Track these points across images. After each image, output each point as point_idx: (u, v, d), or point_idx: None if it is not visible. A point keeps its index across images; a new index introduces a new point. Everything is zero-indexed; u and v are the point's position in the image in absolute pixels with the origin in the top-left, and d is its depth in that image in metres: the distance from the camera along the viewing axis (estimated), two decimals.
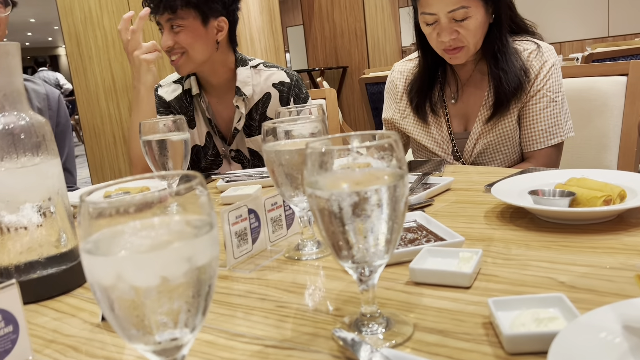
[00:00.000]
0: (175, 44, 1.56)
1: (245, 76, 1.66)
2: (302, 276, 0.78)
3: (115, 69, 4.63)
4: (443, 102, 1.55)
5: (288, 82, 1.69)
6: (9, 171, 0.77)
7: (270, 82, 1.69)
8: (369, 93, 3.20)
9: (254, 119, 1.69)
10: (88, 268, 0.42)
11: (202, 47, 1.59)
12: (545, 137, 1.43)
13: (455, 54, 1.42)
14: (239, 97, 1.65)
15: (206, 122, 1.71)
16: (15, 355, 0.61)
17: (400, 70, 1.64)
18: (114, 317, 0.43)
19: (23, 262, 0.79)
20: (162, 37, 1.59)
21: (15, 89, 0.79)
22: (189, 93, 1.72)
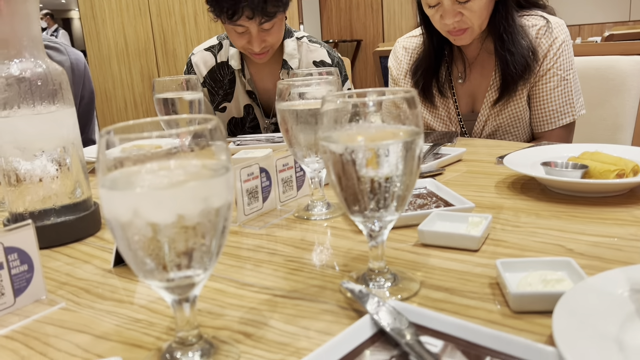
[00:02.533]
0: (266, 43, 1.52)
1: (292, 48, 1.64)
2: (310, 234, 0.79)
3: (129, 32, 4.60)
4: (450, 82, 1.52)
5: (329, 62, 1.68)
6: (25, 117, 0.78)
7: (312, 58, 1.67)
8: (382, 66, 3.17)
9: None
10: (106, 203, 0.43)
11: (282, 32, 1.57)
12: (557, 117, 1.41)
13: (460, 35, 1.38)
14: (285, 70, 1.63)
15: (247, 95, 1.70)
16: (30, 294, 0.62)
17: (405, 46, 1.60)
18: (130, 252, 0.44)
19: (38, 209, 0.80)
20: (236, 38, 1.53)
21: (32, 35, 0.79)
22: (225, 66, 1.70)
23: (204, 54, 1.74)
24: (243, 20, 1.46)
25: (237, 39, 1.54)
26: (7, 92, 0.76)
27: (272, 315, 0.56)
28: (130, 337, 0.54)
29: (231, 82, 1.71)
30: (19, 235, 0.61)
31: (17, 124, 0.77)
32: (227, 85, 1.72)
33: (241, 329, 0.54)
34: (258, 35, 1.50)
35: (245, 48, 1.55)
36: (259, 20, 1.45)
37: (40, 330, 0.56)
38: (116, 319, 0.58)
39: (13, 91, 0.77)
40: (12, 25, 0.77)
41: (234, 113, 1.74)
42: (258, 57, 1.57)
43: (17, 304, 0.61)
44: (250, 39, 1.51)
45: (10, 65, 0.77)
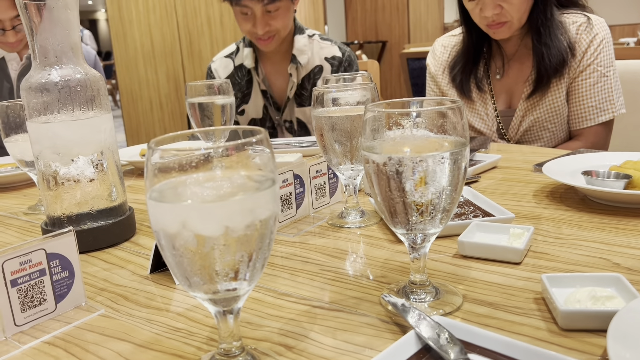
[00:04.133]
0: (270, 27, 1.54)
1: (302, 44, 1.66)
2: (345, 243, 0.78)
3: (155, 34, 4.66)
4: (488, 77, 1.51)
5: (339, 56, 1.69)
6: (64, 123, 0.78)
7: (323, 54, 1.69)
8: (409, 69, 3.14)
9: (305, 89, 1.69)
10: (154, 215, 0.43)
11: (290, 22, 1.60)
12: (595, 113, 1.39)
13: (499, 28, 1.38)
14: (293, 65, 1.65)
15: (262, 94, 1.72)
16: (71, 300, 0.63)
17: (444, 44, 1.61)
18: (177, 264, 0.43)
19: (75, 213, 0.81)
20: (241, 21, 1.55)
21: (72, 42, 0.80)
22: (242, 68, 1.72)
23: (223, 61, 1.77)
24: (247, 1, 1.49)
25: (243, 22, 1.57)
26: (47, 98, 0.77)
27: (312, 327, 0.55)
28: (170, 347, 0.53)
29: (248, 82, 1.73)
30: (60, 242, 0.61)
31: (57, 129, 0.78)
32: (244, 86, 1.74)
33: (282, 340, 0.53)
34: (262, 17, 1.53)
35: (251, 32, 1.57)
36: (263, 1, 1.49)
37: (81, 337, 0.57)
38: (156, 327, 0.57)
39: (53, 97, 0.77)
40: (53, 33, 0.78)
41: (252, 114, 1.76)
42: (263, 42, 1.59)
43: (58, 309, 0.61)
44: (255, 22, 1.53)
45: (50, 72, 0.78)
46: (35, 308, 0.59)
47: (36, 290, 0.59)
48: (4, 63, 1.62)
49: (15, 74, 1.63)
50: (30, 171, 1.03)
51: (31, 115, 0.79)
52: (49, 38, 0.78)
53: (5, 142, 1.02)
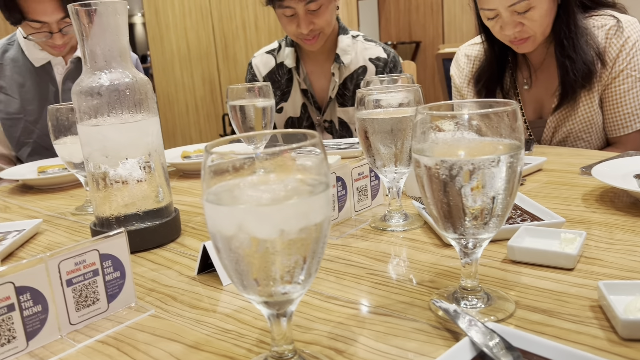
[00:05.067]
0: (314, 25, 1.55)
1: (346, 44, 1.67)
2: (389, 246, 0.77)
3: (191, 37, 4.73)
4: (515, 88, 1.47)
5: (384, 57, 1.69)
6: (113, 126, 0.80)
7: (367, 55, 1.69)
8: (445, 69, 3.10)
9: (347, 89, 1.69)
10: (211, 217, 0.43)
11: (332, 19, 1.61)
12: (632, 120, 1.33)
13: (522, 43, 1.33)
14: (336, 65, 1.65)
15: (302, 94, 1.73)
16: (122, 300, 0.64)
17: (467, 54, 1.56)
18: (232, 266, 0.44)
19: (123, 214, 0.82)
20: (286, 24, 1.57)
21: (121, 47, 0.81)
22: (282, 66, 1.73)
23: (264, 57, 1.78)
24: (289, 1, 1.50)
25: (288, 24, 1.58)
26: (97, 101, 0.79)
27: (361, 332, 0.55)
28: (221, 348, 0.54)
29: (288, 81, 1.74)
30: (113, 243, 0.62)
31: (106, 132, 0.80)
32: (284, 85, 1.74)
33: (331, 344, 0.53)
34: (305, 16, 1.53)
35: (296, 33, 1.58)
36: (304, 0, 1.49)
37: (132, 336, 0.58)
38: (206, 328, 0.58)
39: (103, 101, 0.79)
40: (103, 38, 0.79)
41: (290, 113, 1.77)
42: (308, 42, 1.60)
43: (110, 309, 0.63)
44: (299, 22, 1.54)
45: (100, 76, 0.80)
46: (88, 307, 0.61)
47: (90, 290, 0.61)
48: (50, 67, 1.66)
49: (61, 78, 1.67)
50: (78, 172, 1.06)
51: (82, 118, 0.81)
52: (99, 43, 0.80)
53: (55, 144, 1.05)
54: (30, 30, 1.51)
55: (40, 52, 1.63)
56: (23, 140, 1.65)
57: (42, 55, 1.63)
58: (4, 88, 1.63)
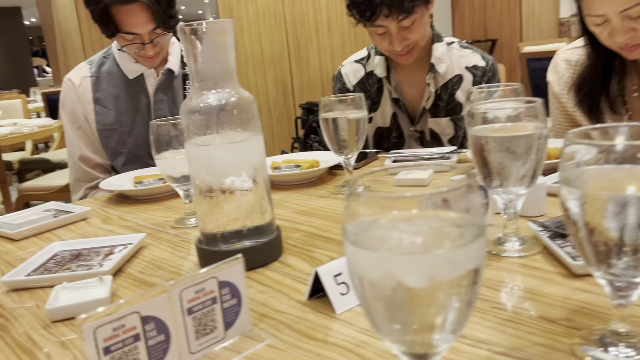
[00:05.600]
0: (408, 41, 1.49)
1: (440, 52, 1.59)
2: (510, 275, 0.72)
3: (265, 41, 4.79)
4: (623, 96, 1.34)
5: (482, 65, 1.60)
6: (220, 146, 0.80)
7: (463, 63, 1.61)
8: (530, 69, 2.96)
9: (441, 99, 1.62)
10: (352, 258, 0.40)
11: (426, 30, 1.55)
12: None
13: (634, 50, 1.20)
14: (431, 75, 1.58)
15: (392, 103, 1.68)
16: (238, 327, 0.63)
17: (567, 59, 1.44)
18: (372, 310, 0.41)
19: (229, 230, 0.82)
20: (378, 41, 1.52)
21: (229, 66, 0.81)
22: (372, 75, 1.69)
23: (353, 66, 1.74)
24: (381, 20, 1.44)
25: (380, 42, 1.53)
26: (205, 121, 0.79)
27: None
28: None
29: (378, 90, 1.69)
30: (230, 270, 0.61)
31: (213, 151, 0.80)
32: (374, 94, 1.70)
33: None
34: (398, 33, 1.47)
35: (389, 50, 1.53)
36: (397, 18, 1.43)
37: None
38: None
39: (211, 120, 0.79)
40: (211, 58, 0.79)
41: (379, 123, 1.72)
42: (402, 57, 1.54)
43: (227, 337, 0.62)
44: (391, 39, 1.48)
45: (208, 96, 0.79)
46: (207, 335, 0.60)
47: (208, 318, 0.60)
48: (143, 79, 1.71)
49: (153, 90, 1.72)
50: (178, 186, 1.08)
51: (189, 137, 0.81)
52: (207, 62, 0.80)
53: (156, 159, 1.07)
54: (123, 42, 1.57)
55: (134, 64, 1.68)
56: (118, 150, 1.71)
57: (136, 68, 1.69)
58: (100, 100, 1.70)
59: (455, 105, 1.62)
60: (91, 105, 1.69)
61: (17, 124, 3.82)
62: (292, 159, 1.47)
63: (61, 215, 1.19)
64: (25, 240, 1.09)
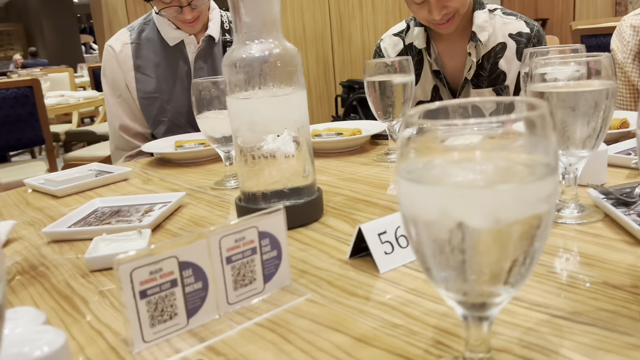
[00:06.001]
0: (447, 9, 1.43)
1: (482, 20, 1.51)
2: (567, 241, 0.67)
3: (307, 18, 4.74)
4: None
5: (527, 32, 1.51)
6: (263, 99, 0.77)
7: (506, 30, 1.52)
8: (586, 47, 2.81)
9: (484, 69, 1.54)
10: (407, 197, 0.37)
11: None
12: None
13: None
14: (472, 44, 1.51)
15: (433, 76, 1.61)
16: (277, 281, 0.60)
17: (634, 24, 1.35)
18: (427, 255, 0.37)
19: (270, 190, 0.79)
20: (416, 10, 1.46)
21: (273, 16, 0.78)
22: (412, 47, 1.63)
23: (392, 39, 1.68)
24: None
25: (418, 11, 1.46)
26: (248, 73, 0.76)
27: (560, 342, 0.46)
28: (393, 346, 0.48)
29: (418, 63, 1.62)
30: (271, 221, 0.59)
31: (255, 105, 0.77)
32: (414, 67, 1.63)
33: (526, 354, 0.45)
34: (437, 1, 1.40)
35: (428, 19, 1.45)
36: None
37: (293, 322, 0.54)
38: (371, 320, 0.53)
39: (254, 73, 0.76)
40: (255, 7, 0.76)
41: (420, 97, 1.66)
42: (442, 27, 1.46)
43: (266, 290, 0.59)
44: (430, 7, 1.41)
45: (252, 47, 0.77)
46: (245, 287, 0.58)
47: (247, 269, 0.58)
48: (183, 46, 1.69)
49: (193, 57, 1.69)
50: (218, 147, 1.06)
51: (232, 90, 0.78)
52: (251, 12, 0.76)
53: (197, 118, 1.05)
54: (161, 5, 1.53)
55: (174, 30, 1.65)
56: (159, 119, 1.69)
57: (176, 35, 1.66)
58: (141, 68, 1.68)
59: (499, 74, 1.54)
60: (132, 73, 1.68)
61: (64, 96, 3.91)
62: (334, 127, 1.43)
63: (103, 175, 1.19)
64: (67, 197, 1.10)
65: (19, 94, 2.66)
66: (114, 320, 0.58)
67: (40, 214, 1.01)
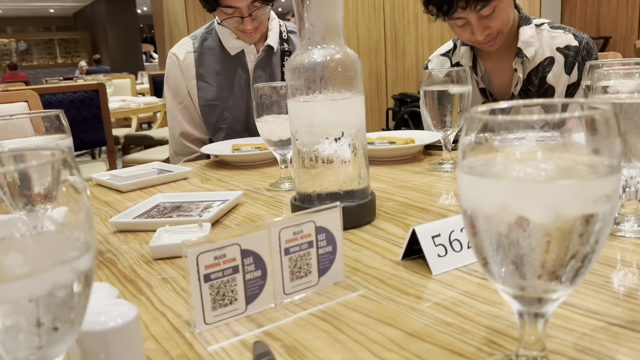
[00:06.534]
0: (490, 30, 1.42)
1: (528, 36, 1.49)
2: (626, 254, 0.66)
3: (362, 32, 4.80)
4: None
5: (575, 45, 1.48)
6: (322, 103, 0.80)
7: (554, 45, 1.50)
8: None
9: (532, 84, 1.52)
10: (468, 190, 0.38)
11: (510, 16, 1.46)
12: None
13: None
14: (518, 59, 1.49)
15: (480, 94, 1.61)
16: (331, 275, 0.62)
17: None
18: (486, 248, 0.38)
19: (325, 192, 0.82)
20: (459, 32, 1.46)
21: (336, 22, 0.80)
22: (459, 66, 1.63)
23: (439, 59, 1.68)
24: (459, 12, 1.37)
25: (461, 33, 1.46)
26: (309, 77, 0.79)
27: (617, 349, 0.46)
28: (445, 341, 0.49)
29: None
30: (327, 216, 0.61)
31: (315, 108, 0.80)
32: None
33: (581, 357, 0.45)
34: (479, 23, 1.39)
35: (472, 40, 1.45)
36: (475, 8, 1.35)
37: (347, 315, 0.56)
38: (423, 317, 0.54)
39: (315, 76, 0.79)
40: (320, 12, 0.79)
41: None
42: (486, 45, 1.45)
43: (320, 283, 0.61)
44: (472, 29, 1.41)
45: (314, 52, 0.79)
46: (301, 279, 0.60)
47: (304, 262, 0.60)
48: (243, 55, 1.74)
49: (252, 66, 1.74)
50: (275, 150, 1.10)
51: (293, 93, 0.81)
52: (315, 18, 0.80)
53: (257, 122, 1.09)
54: (223, 16, 1.59)
55: (235, 40, 1.70)
56: (218, 126, 1.75)
57: (237, 44, 1.71)
58: (203, 76, 1.74)
59: (547, 89, 1.52)
60: (194, 81, 1.74)
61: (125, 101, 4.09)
62: (387, 136, 1.45)
63: (164, 173, 1.25)
64: (131, 192, 1.16)
65: (85, 97, 2.81)
66: (176, 303, 0.61)
67: (106, 206, 1.07)
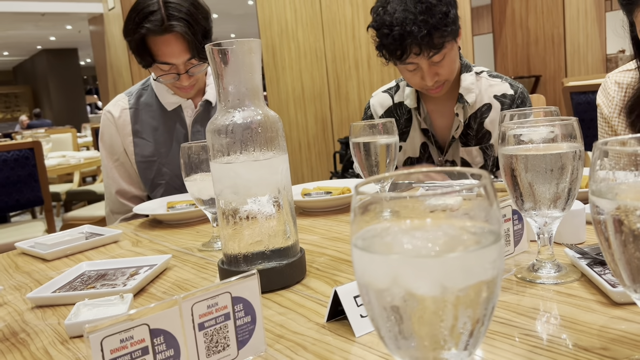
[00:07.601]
0: (439, 76, 1.48)
1: (469, 82, 1.57)
2: (542, 302, 0.67)
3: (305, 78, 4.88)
4: None
5: (511, 94, 1.56)
6: (245, 164, 0.79)
7: (492, 92, 1.58)
8: (574, 103, 2.88)
9: (471, 128, 1.59)
10: (360, 266, 0.38)
11: (456, 64, 1.53)
12: None
13: None
14: (460, 105, 1.56)
15: (421, 133, 1.66)
16: (252, 347, 0.60)
17: (618, 81, 1.40)
18: (380, 322, 0.38)
19: (251, 252, 0.80)
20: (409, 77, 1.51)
21: (255, 85, 0.81)
22: (401, 106, 1.68)
23: (381, 96, 1.73)
24: (412, 58, 1.43)
25: (411, 77, 1.51)
26: (230, 139, 0.79)
27: None
28: None
29: (407, 121, 1.67)
30: (244, 285, 0.60)
31: (238, 169, 0.80)
32: (403, 124, 1.68)
33: None
34: (429, 69, 1.45)
35: (421, 85, 1.51)
36: (427, 54, 1.41)
37: None
38: None
39: (236, 139, 0.79)
40: (237, 77, 0.80)
41: (409, 153, 1.69)
42: (433, 91, 1.52)
43: (240, 356, 0.60)
44: (422, 74, 1.47)
45: (234, 114, 0.80)
46: (219, 353, 0.58)
47: (221, 335, 0.58)
48: (181, 110, 1.73)
49: (190, 121, 1.73)
50: (206, 209, 1.08)
51: (215, 155, 0.81)
52: (233, 81, 0.80)
53: (186, 181, 1.07)
54: (159, 72, 1.58)
55: (172, 96, 1.69)
56: (156, 182, 1.71)
57: (174, 100, 1.69)
58: (140, 132, 1.71)
59: (484, 133, 1.59)
60: (130, 138, 1.70)
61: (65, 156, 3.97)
62: (323, 186, 1.46)
63: (93, 237, 1.20)
64: (56, 260, 1.11)
65: (19, 156, 2.71)
66: None
67: (28, 278, 1.01)
